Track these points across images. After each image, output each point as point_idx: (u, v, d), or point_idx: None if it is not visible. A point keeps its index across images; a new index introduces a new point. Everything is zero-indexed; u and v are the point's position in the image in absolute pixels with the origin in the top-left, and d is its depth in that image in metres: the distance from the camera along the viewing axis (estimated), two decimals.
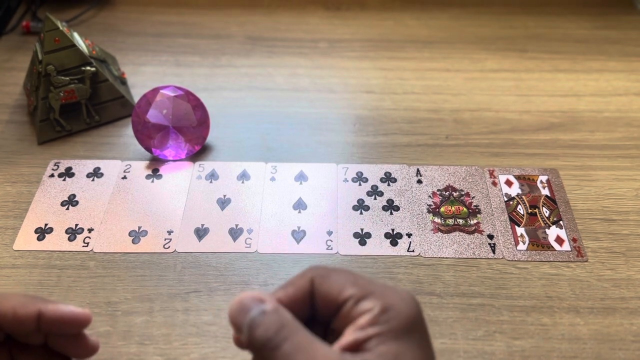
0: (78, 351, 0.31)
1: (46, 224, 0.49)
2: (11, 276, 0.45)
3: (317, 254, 0.47)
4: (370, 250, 0.47)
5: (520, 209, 0.50)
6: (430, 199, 0.51)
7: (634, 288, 0.45)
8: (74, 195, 0.51)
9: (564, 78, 0.65)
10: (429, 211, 0.50)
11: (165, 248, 0.47)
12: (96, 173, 0.53)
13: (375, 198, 0.51)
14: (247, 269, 0.46)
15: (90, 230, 0.48)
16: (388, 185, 0.52)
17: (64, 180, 0.52)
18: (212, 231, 0.48)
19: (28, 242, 0.47)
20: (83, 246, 0.47)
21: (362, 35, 0.71)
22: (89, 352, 0.31)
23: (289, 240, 0.48)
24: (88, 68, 0.55)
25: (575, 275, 0.45)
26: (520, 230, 0.49)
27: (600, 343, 0.41)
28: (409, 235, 0.48)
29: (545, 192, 0.52)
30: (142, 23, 0.73)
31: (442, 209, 0.50)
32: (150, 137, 0.52)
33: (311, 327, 0.26)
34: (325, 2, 0.77)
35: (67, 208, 0.50)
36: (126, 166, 0.54)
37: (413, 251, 0.47)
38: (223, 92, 0.62)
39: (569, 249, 0.47)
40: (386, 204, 0.50)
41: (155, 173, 0.53)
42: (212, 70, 0.65)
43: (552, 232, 0.48)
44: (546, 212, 0.50)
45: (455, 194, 0.51)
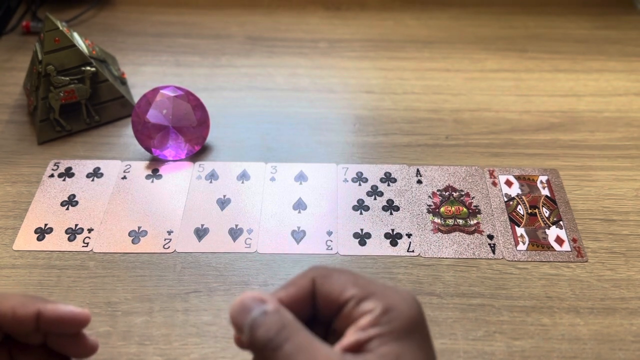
0: (77, 351, 0.31)
1: (46, 224, 0.49)
2: (11, 276, 0.45)
3: (317, 254, 0.47)
4: (370, 250, 0.47)
5: (520, 209, 0.50)
6: (430, 199, 0.51)
7: (634, 288, 0.45)
8: (74, 195, 0.51)
9: (564, 78, 0.65)
10: (429, 211, 0.50)
11: (165, 248, 0.47)
12: (96, 173, 0.53)
13: (375, 198, 0.51)
14: (247, 269, 0.46)
15: (90, 230, 0.48)
16: (388, 185, 0.52)
17: (64, 180, 0.52)
18: (212, 231, 0.48)
19: (28, 242, 0.47)
20: (83, 246, 0.47)
21: (362, 35, 0.71)
22: (89, 352, 0.31)
23: (289, 240, 0.48)
24: (88, 68, 0.55)
25: (575, 275, 0.45)
26: (520, 230, 0.49)
27: (600, 343, 0.41)
28: (409, 235, 0.48)
29: (545, 193, 0.52)
30: (142, 23, 0.73)
31: (442, 209, 0.50)
32: (150, 137, 0.52)
33: (312, 328, 0.26)
34: (325, 2, 0.77)
35: (67, 208, 0.50)
36: (126, 166, 0.54)
37: (413, 251, 0.47)
38: (223, 92, 0.62)
39: (569, 249, 0.47)
40: (386, 204, 0.50)
41: (155, 173, 0.53)
42: (212, 70, 0.65)
43: (552, 233, 0.48)
44: (546, 213, 0.50)
45: (455, 194, 0.51)
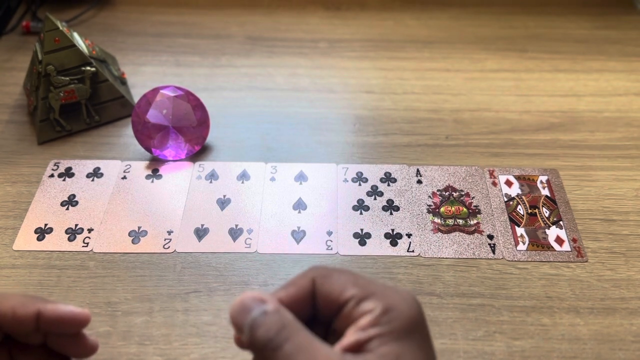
0: (77, 351, 0.31)
1: (46, 224, 0.49)
2: (11, 276, 0.45)
3: (317, 254, 0.47)
4: (370, 250, 0.47)
5: (520, 209, 0.50)
6: (430, 199, 0.51)
7: (634, 288, 0.45)
8: (74, 195, 0.51)
9: (564, 78, 0.65)
10: (429, 211, 0.50)
11: (165, 248, 0.47)
12: (96, 173, 0.53)
13: (375, 198, 0.51)
14: (247, 269, 0.46)
15: (90, 230, 0.48)
16: (388, 185, 0.52)
17: (64, 180, 0.52)
18: (212, 231, 0.48)
19: (28, 242, 0.47)
20: (83, 246, 0.47)
21: (362, 35, 0.71)
22: (88, 352, 0.31)
23: (289, 240, 0.48)
24: (88, 68, 0.55)
25: (575, 275, 0.45)
26: (520, 230, 0.49)
27: (600, 343, 0.41)
28: (409, 235, 0.48)
29: (545, 192, 0.52)
30: (142, 23, 0.73)
31: (442, 209, 0.50)
32: (150, 137, 0.52)
33: (312, 328, 0.26)
34: (325, 2, 0.77)
35: (67, 208, 0.50)
36: (126, 166, 0.54)
37: (413, 251, 0.47)
38: (223, 92, 0.62)
39: (569, 249, 0.47)
40: (386, 204, 0.50)
41: (155, 173, 0.53)
42: (212, 70, 0.65)
43: (552, 233, 0.48)
44: (546, 213, 0.50)
45: (455, 194, 0.51)
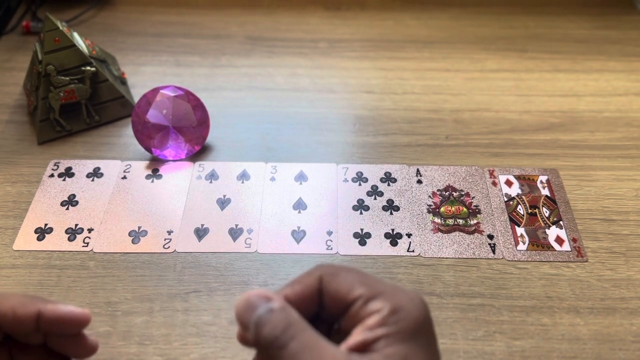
0: (77, 351, 0.31)
1: (46, 224, 0.49)
2: (11, 276, 0.45)
3: (317, 254, 0.47)
4: (370, 250, 0.47)
5: (520, 209, 0.50)
6: (430, 199, 0.51)
7: (634, 288, 0.45)
8: (74, 195, 0.51)
9: (564, 78, 0.65)
10: (429, 211, 0.50)
11: (165, 248, 0.47)
12: (96, 173, 0.53)
13: (375, 198, 0.51)
14: (247, 269, 0.46)
15: (90, 230, 0.48)
16: (388, 185, 0.52)
17: (64, 180, 0.52)
18: (212, 231, 0.48)
19: (28, 242, 0.47)
20: (83, 246, 0.47)
21: (362, 35, 0.71)
22: (89, 352, 0.31)
23: (289, 240, 0.48)
24: (88, 68, 0.55)
25: (575, 275, 0.45)
26: (520, 230, 0.49)
27: (600, 343, 0.41)
28: (409, 235, 0.48)
29: (545, 192, 0.52)
30: (142, 23, 0.73)
31: (442, 209, 0.50)
32: (150, 137, 0.52)
33: (315, 326, 0.26)
34: (325, 2, 0.77)
35: (67, 208, 0.50)
36: (126, 166, 0.54)
37: (413, 251, 0.47)
38: (223, 92, 0.62)
39: (569, 249, 0.47)
40: (386, 204, 0.50)
41: (155, 173, 0.53)
42: (212, 70, 0.65)
43: (552, 232, 0.48)
44: (546, 212, 0.50)
45: (455, 194, 0.51)
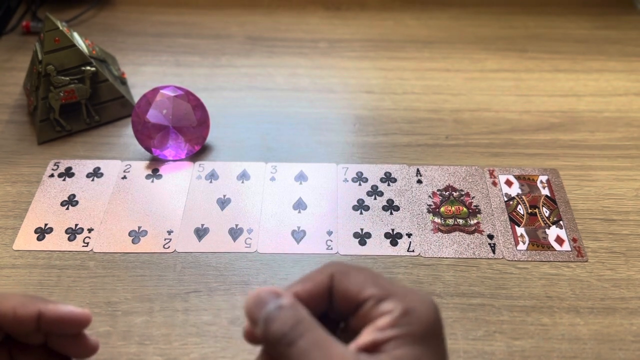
0: (78, 351, 0.31)
1: (46, 224, 0.49)
2: (11, 276, 0.45)
3: (317, 254, 0.47)
4: (370, 250, 0.47)
5: (520, 209, 0.50)
6: (430, 199, 0.51)
7: (634, 288, 0.45)
8: (74, 195, 0.51)
9: (564, 78, 0.65)
10: (429, 211, 0.50)
11: (165, 248, 0.47)
12: (96, 173, 0.53)
13: (375, 198, 0.51)
14: (247, 269, 0.46)
15: (90, 230, 0.48)
16: (388, 185, 0.52)
17: (64, 180, 0.52)
18: (212, 231, 0.48)
19: (28, 242, 0.47)
20: (83, 246, 0.47)
21: (362, 35, 0.71)
22: (89, 352, 0.31)
23: (289, 240, 0.48)
24: (88, 68, 0.55)
25: (575, 275, 0.45)
26: (520, 230, 0.49)
27: (600, 343, 0.41)
28: (409, 235, 0.48)
29: (545, 192, 0.52)
30: (142, 23, 0.73)
31: (442, 209, 0.50)
32: (150, 137, 0.52)
33: (321, 323, 0.26)
34: (325, 2, 0.77)
35: (67, 208, 0.50)
36: (126, 166, 0.54)
37: (413, 251, 0.47)
38: (223, 92, 0.62)
39: (569, 249, 0.47)
40: (386, 204, 0.50)
41: (155, 173, 0.53)
42: (212, 70, 0.65)
43: (552, 232, 0.48)
44: (546, 212, 0.50)
45: (455, 194, 0.51)
